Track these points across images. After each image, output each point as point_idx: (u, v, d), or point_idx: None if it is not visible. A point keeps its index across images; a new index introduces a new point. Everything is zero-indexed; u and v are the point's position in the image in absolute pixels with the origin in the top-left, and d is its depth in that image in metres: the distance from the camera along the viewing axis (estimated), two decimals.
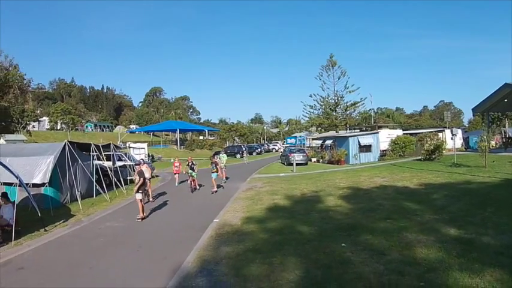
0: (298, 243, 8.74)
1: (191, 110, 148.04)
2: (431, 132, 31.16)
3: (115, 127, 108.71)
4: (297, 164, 29.73)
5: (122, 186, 20.07)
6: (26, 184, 12.15)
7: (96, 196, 17.87)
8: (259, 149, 63.51)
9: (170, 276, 7.30)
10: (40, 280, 7.54)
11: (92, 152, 19.51)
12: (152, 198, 17.38)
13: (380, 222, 10.08)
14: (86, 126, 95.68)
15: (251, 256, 7.97)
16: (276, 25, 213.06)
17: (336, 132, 48.50)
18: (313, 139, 54.12)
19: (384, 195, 14.30)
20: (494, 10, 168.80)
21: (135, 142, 46.96)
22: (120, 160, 23.25)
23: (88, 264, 8.49)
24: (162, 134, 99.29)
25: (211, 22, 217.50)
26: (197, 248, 8.96)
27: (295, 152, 33.61)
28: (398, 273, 6.36)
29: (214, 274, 7.12)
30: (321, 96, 50.61)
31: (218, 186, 20.14)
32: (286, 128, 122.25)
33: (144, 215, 13.10)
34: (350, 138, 33.33)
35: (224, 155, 27.33)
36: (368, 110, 65.75)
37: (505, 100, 28.78)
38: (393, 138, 33.59)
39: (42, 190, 15.24)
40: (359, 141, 32.76)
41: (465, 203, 11.40)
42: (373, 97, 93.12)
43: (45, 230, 11.90)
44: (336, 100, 49.86)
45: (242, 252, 8.35)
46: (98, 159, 20.21)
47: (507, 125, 48.37)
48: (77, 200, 15.99)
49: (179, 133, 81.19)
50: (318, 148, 42.93)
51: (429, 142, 26.48)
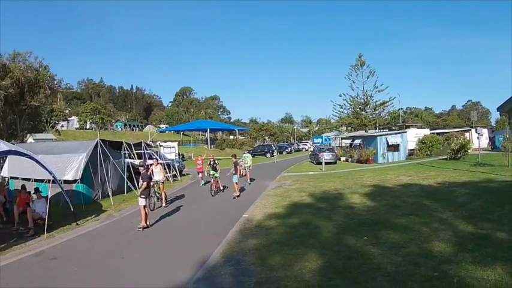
0: (322, 236, 9.22)
1: (221, 110, 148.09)
2: (457, 131, 30.85)
3: (145, 126, 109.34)
4: (326, 163, 29.93)
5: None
6: (53, 181, 12.42)
7: (127, 193, 18.29)
8: (289, 149, 63.41)
9: (200, 265, 7.82)
10: (74, 268, 8.07)
11: (124, 151, 19.79)
12: (166, 203, 15.89)
13: (402, 218, 10.40)
14: (116, 125, 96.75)
15: (277, 248, 8.48)
16: (306, 25, 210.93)
17: (366, 131, 48.29)
18: (342, 138, 54.05)
19: (409, 192, 14.52)
20: None
21: (165, 141, 47.42)
22: (151, 158, 23.76)
23: (120, 254, 9.07)
24: (192, 133, 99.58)
25: (239, 22, 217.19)
26: (226, 241, 9.49)
27: (324, 151, 33.89)
28: (414, 264, 6.75)
29: (242, 263, 7.65)
30: (351, 95, 50.65)
31: (241, 189, 18.56)
32: (316, 128, 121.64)
33: (148, 224, 11.55)
34: (378, 137, 33.28)
35: (248, 155, 24.40)
36: (397, 110, 65.05)
37: None
38: (420, 137, 33.25)
39: (73, 186, 15.67)
40: (387, 140, 32.68)
41: (485, 201, 11.53)
42: (401, 97, 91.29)
43: (77, 224, 12.33)
44: (365, 99, 49.71)
45: (269, 244, 8.86)
46: (129, 157, 20.54)
47: None
48: (108, 196, 16.45)
49: (209, 132, 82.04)
50: (347, 147, 42.97)
51: (455, 141, 26.23)
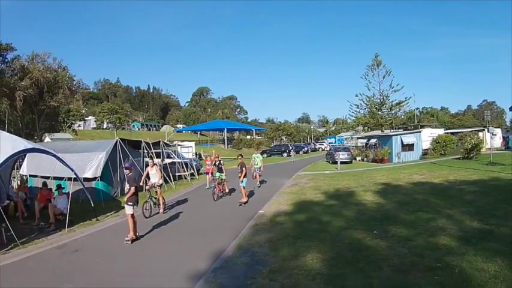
0: (334, 230, 9.62)
1: (238, 110, 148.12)
2: (471, 131, 30.75)
3: (162, 126, 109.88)
4: (342, 162, 30.18)
5: (171, 181, 20.77)
6: (75, 179, 12.63)
7: (145, 191, 18.52)
8: (305, 148, 63.59)
9: (218, 255, 8.30)
10: (95, 259, 8.53)
11: (142, 150, 20.03)
12: (164, 209, 14.51)
13: (411, 214, 10.73)
14: (133, 125, 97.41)
15: (291, 241, 8.92)
16: (324, 25, 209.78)
17: (382, 131, 48.17)
18: (358, 138, 54.00)
19: (420, 190, 14.79)
20: None
21: (182, 141, 47.55)
22: (169, 157, 24.13)
23: (141, 246, 9.57)
24: (210, 133, 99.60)
25: (256, 22, 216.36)
26: (242, 234, 9.93)
27: (340, 151, 34.14)
28: (419, 256, 7.11)
29: (257, 254, 8.12)
30: (367, 95, 50.30)
31: (249, 194, 16.82)
32: (333, 128, 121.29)
33: (136, 236, 10.02)
34: (393, 137, 33.29)
35: (259, 155, 21.74)
36: (413, 110, 64.57)
37: None
38: (434, 137, 33.21)
39: (93, 184, 15.87)
40: (402, 140, 32.66)
41: (493, 198, 11.77)
42: (416, 96, 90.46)
43: (97, 220, 12.66)
44: (382, 99, 49.41)
45: (283, 237, 9.29)
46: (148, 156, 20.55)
47: None
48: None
49: (226, 132, 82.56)
50: (363, 147, 43.03)
51: (467, 141, 26.23)
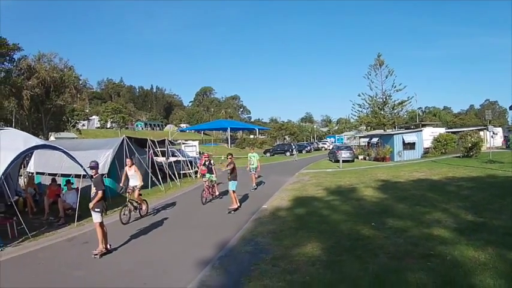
0: (334, 222, 9.96)
1: (241, 109, 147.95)
2: (471, 130, 30.93)
3: (165, 126, 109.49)
4: (344, 161, 30.31)
5: (176, 179, 20.91)
6: (84, 175, 12.60)
7: (151, 188, 18.57)
8: (308, 147, 63.55)
9: (223, 245, 8.68)
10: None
11: (148, 148, 20.11)
12: (144, 213, 13.01)
13: (409, 208, 11.04)
14: (136, 124, 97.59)
15: (292, 232, 9.29)
16: (327, 24, 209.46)
17: (384, 130, 48.28)
18: (360, 137, 54.11)
19: (419, 186, 15.09)
20: None
21: (186, 140, 47.38)
22: (174, 155, 24.34)
23: (149, 239, 9.91)
24: (213, 133, 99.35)
25: (259, 22, 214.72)
26: (246, 227, 10.29)
27: (342, 150, 34.32)
28: (414, 245, 7.44)
29: (260, 243, 8.49)
30: (369, 95, 50.30)
31: (243, 197, 15.48)
32: (336, 127, 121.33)
33: (107, 249, 8.59)
34: (395, 136, 33.47)
35: (255, 154, 19.29)
36: (416, 109, 64.54)
37: None
38: (436, 136, 33.38)
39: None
40: (403, 139, 32.81)
41: (488, 194, 12.05)
42: (417, 96, 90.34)
43: (105, 214, 13.06)
44: (384, 99, 49.48)
45: (285, 229, 9.66)
46: (154, 154, 20.79)
47: None
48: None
49: (230, 132, 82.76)
50: (365, 146, 43.23)
51: (468, 140, 26.46)
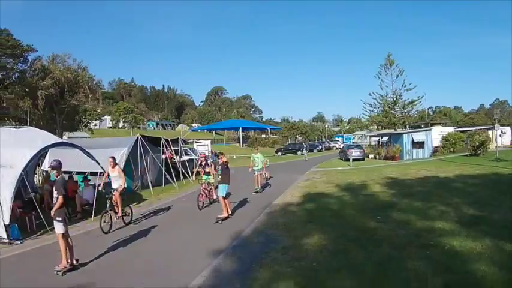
0: (342, 216, 10.38)
1: (253, 109, 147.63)
2: (480, 129, 30.95)
3: (177, 126, 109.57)
4: (354, 160, 30.46)
5: (190, 177, 20.81)
6: (101, 173, 12.77)
7: (164, 185, 18.89)
8: (319, 147, 63.63)
9: (236, 236, 9.15)
10: (120, 243, 9.01)
11: (161, 146, 20.40)
12: (127, 220, 11.39)
13: (414, 203, 11.37)
14: (148, 124, 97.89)
15: (302, 224, 9.73)
16: (338, 25, 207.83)
17: (395, 130, 48.17)
18: (370, 136, 54.07)
19: (425, 183, 15.41)
20: None
21: (198, 140, 47.68)
22: (187, 154, 24.65)
23: (164, 231, 10.31)
24: (225, 132, 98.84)
25: (271, 21, 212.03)
26: (258, 220, 10.72)
27: (352, 148, 34.54)
28: (416, 236, 7.82)
29: (271, 235, 8.93)
30: (380, 94, 49.90)
31: (242, 202, 14.12)
32: (347, 127, 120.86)
33: (72, 264, 7.27)
34: (404, 135, 33.61)
35: (259, 155, 17.71)
36: (427, 109, 64.27)
37: None
38: (444, 135, 33.43)
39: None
40: (413, 138, 32.88)
41: (492, 191, 12.35)
42: (428, 96, 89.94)
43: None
44: (394, 98, 49.22)
45: (295, 221, 10.12)
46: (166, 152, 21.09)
47: None
48: (147, 188, 17.36)
49: (241, 131, 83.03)
50: (375, 145, 43.34)
51: (475, 139, 26.59)
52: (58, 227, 7.27)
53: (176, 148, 22.82)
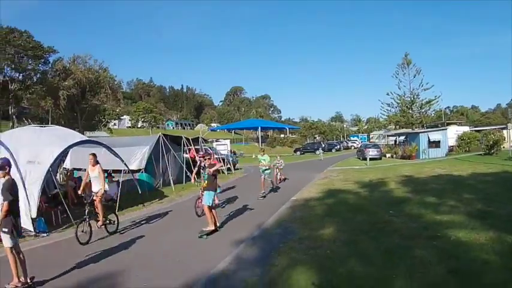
0: (357, 210, 10.77)
1: (272, 109, 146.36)
2: (494, 129, 30.69)
3: (196, 125, 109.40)
4: (371, 159, 30.60)
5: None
6: (125, 170, 13.03)
7: (185, 183, 18.92)
8: (337, 146, 63.59)
9: (257, 228, 9.68)
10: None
11: (182, 145, 20.65)
12: (106, 229, 9.77)
13: (426, 198, 11.68)
14: (167, 124, 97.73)
15: (318, 218, 10.18)
16: (357, 24, 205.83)
17: (412, 129, 47.85)
18: (388, 136, 53.83)
19: (438, 180, 15.66)
20: None
21: (217, 139, 47.78)
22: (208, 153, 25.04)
23: (189, 225, 10.47)
24: (244, 132, 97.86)
25: (290, 20, 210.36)
26: (277, 214, 11.18)
27: (370, 148, 34.70)
28: (424, 228, 8.17)
29: (289, 227, 9.41)
30: (398, 94, 49.57)
31: (241, 209, 12.63)
32: (365, 126, 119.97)
33: (27, 283, 6.05)
34: (420, 134, 33.54)
35: (266, 157, 16.20)
36: (445, 108, 63.38)
37: None
38: (460, 134, 33.23)
39: (137, 175, 15.99)
40: (429, 137, 32.79)
41: (502, 188, 12.51)
42: (445, 95, 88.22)
43: (143, 205, 13.35)
44: (412, 98, 48.81)
45: (312, 215, 10.58)
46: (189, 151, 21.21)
47: None
48: (168, 185, 17.60)
49: (260, 131, 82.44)
50: (393, 144, 43.27)
51: (488, 138, 26.51)
52: (5, 240, 5.96)
53: (197, 147, 22.98)
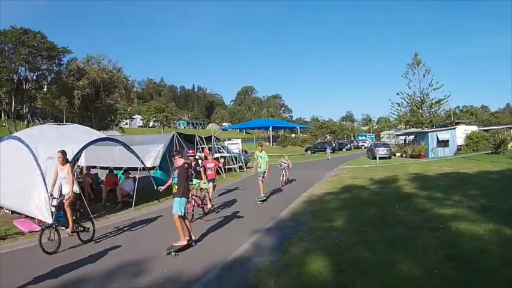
0: (365, 205, 11.13)
1: (283, 109, 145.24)
2: (502, 128, 30.61)
3: (207, 125, 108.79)
4: (381, 158, 30.82)
5: (223, 172, 21.57)
6: (136, 168, 13.11)
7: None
8: (348, 145, 63.58)
9: (270, 220, 10.12)
10: (167, 228, 9.16)
11: (195, 144, 20.81)
12: (79, 237, 8.62)
13: (432, 194, 11.97)
14: (178, 123, 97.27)
15: (328, 212, 10.56)
16: (366, 24, 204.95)
17: (422, 129, 47.62)
18: (397, 135, 53.70)
19: (444, 178, 15.83)
20: None
21: (229, 138, 48.19)
22: (218, 152, 24.95)
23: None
24: (255, 131, 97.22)
25: (300, 20, 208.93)
26: (289, 209, 11.55)
27: (379, 147, 34.87)
28: (427, 221, 8.50)
29: (300, 220, 9.81)
30: (408, 94, 49.18)
31: (234, 214, 11.25)
32: (376, 126, 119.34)
33: None
34: (429, 133, 33.60)
35: (264, 154, 13.29)
36: (454, 108, 62.91)
37: None
38: (468, 133, 33.06)
39: (151, 173, 15.79)
40: (437, 136, 32.83)
41: (505, 185, 12.74)
42: (454, 95, 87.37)
43: (158, 201, 13.45)
44: (422, 98, 48.45)
45: (322, 209, 10.96)
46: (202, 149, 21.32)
47: None
48: None
49: (271, 130, 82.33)
50: (402, 143, 43.28)
51: (495, 137, 26.49)
52: None
53: (209, 146, 23.30)
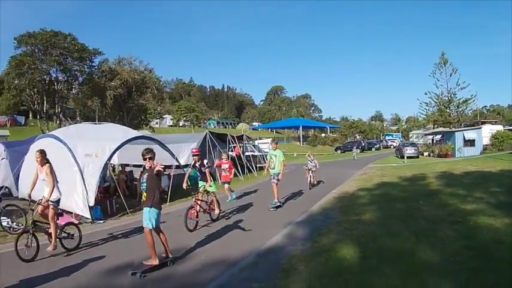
0: (391, 201, 11.65)
1: (312, 108, 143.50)
2: None
3: (237, 124, 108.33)
4: (408, 157, 30.86)
5: (254, 170, 22.27)
6: (170, 166, 13.25)
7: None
8: (377, 145, 63.20)
9: (301, 214, 10.81)
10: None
11: (227, 143, 21.17)
12: (62, 244, 7.45)
13: (455, 191, 12.31)
14: (208, 123, 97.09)
15: (356, 207, 11.14)
16: (395, 23, 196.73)
17: (450, 129, 46.85)
18: (425, 135, 52.97)
19: (469, 176, 16.02)
20: None
21: (260, 138, 47.52)
22: (251, 151, 25.90)
23: (234, 213, 11.60)
24: (284, 131, 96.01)
25: (330, 20, 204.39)
26: (319, 204, 12.17)
27: (407, 146, 34.87)
28: (448, 215, 8.97)
29: (329, 214, 10.47)
30: (435, 93, 48.48)
31: (236, 224, 9.74)
32: (404, 126, 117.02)
33: None
34: (456, 133, 33.10)
35: (278, 152, 11.72)
36: (482, 107, 61.22)
37: None
38: (493, 133, 32.61)
39: (184, 170, 16.06)
40: (464, 136, 32.38)
41: None
42: (481, 94, 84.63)
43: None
44: (449, 97, 47.66)
45: (351, 205, 11.53)
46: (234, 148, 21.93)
47: None
48: (214, 180, 17.58)
49: (301, 130, 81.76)
50: (430, 143, 42.86)
51: None
52: None
53: (240, 144, 23.74)
